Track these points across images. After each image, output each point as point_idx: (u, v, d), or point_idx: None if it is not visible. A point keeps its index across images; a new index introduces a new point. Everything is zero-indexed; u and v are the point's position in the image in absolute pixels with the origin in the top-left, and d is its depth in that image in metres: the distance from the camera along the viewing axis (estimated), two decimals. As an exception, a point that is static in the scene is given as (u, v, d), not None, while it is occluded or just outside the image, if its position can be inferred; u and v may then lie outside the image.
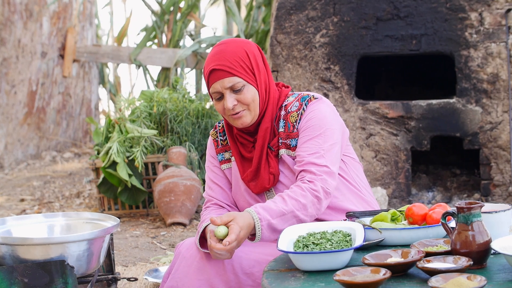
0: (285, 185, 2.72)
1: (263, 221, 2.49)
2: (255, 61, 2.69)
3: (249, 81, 2.67)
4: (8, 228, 3.07)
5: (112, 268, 3.19)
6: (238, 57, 2.66)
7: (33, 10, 7.78)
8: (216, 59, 2.66)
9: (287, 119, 2.72)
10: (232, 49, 2.67)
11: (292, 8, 5.33)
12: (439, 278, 1.95)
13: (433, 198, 5.39)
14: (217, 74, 2.65)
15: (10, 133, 7.74)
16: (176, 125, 5.71)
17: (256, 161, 2.72)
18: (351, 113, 5.29)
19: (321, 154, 2.63)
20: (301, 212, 2.54)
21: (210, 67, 2.66)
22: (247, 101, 2.66)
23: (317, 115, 2.69)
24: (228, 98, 2.65)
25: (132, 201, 5.54)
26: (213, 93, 2.69)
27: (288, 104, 2.75)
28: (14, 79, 7.71)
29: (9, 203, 6.27)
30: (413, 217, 2.48)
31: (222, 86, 2.65)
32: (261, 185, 2.73)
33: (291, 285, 2.11)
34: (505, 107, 5.14)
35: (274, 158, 2.72)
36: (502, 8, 5.13)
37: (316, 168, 2.60)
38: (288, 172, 2.72)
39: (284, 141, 2.72)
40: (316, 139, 2.65)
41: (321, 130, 2.67)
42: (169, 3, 7.90)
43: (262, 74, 2.71)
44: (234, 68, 2.64)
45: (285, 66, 5.36)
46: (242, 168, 2.77)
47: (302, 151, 2.65)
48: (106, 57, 8.04)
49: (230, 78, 2.64)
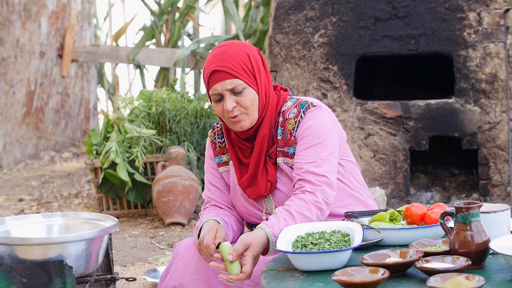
0: (283, 192, 2.71)
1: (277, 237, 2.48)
2: (256, 64, 2.67)
3: (250, 84, 2.65)
4: (7, 228, 3.07)
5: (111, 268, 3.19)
6: (240, 59, 2.63)
7: (31, 10, 7.78)
8: (217, 60, 2.63)
9: (284, 126, 2.70)
10: (234, 51, 2.65)
11: (290, 8, 5.33)
12: (437, 278, 1.95)
13: (431, 198, 5.40)
14: (218, 75, 2.63)
15: (8, 133, 7.74)
16: (174, 125, 5.71)
17: (252, 167, 2.70)
18: (350, 113, 5.30)
19: (319, 163, 2.62)
20: None
21: (212, 68, 2.63)
22: (246, 104, 2.64)
23: (316, 123, 2.67)
24: (228, 99, 2.63)
25: (140, 198, 5.54)
26: (213, 95, 2.66)
27: (286, 110, 2.72)
28: (13, 79, 7.71)
29: (8, 203, 6.27)
30: (412, 217, 2.48)
31: (223, 88, 2.63)
32: (258, 192, 2.71)
33: (289, 285, 2.11)
34: (504, 107, 5.14)
35: (272, 166, 2.71)
36: (501, 8, 5.13)
37: (314, 177, 2.59)
38: (285, 179, 2.71)
39: (282, 149, 2.70)
40: (314, 148, 2.64)
41: (319, 139, 2.65)
42: (167, 3, 7.90)
43: (263, 78, 2.69)
44: (236, 70, 2.62)
45: (283, 66, 5.36)
46: (239, 174, 2.76)
47: (300, 159, 2.64)
48: (104, 57, 8.04)
49: (231, 80, 2.62)
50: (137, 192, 5.52)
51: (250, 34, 7.51)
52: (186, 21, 8.04)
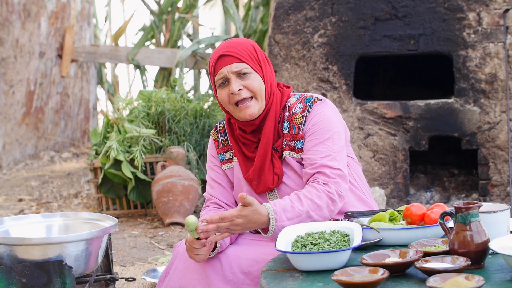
0: (288, 186, 2.72)
1: (278, 221, 2.49)
2: (262, 56, 2.72)
3: (256, 70, 2.68)
4: (6, 228, 3.07)
5: (110, 268, 3.19)
6: (247, 48, 2.68)
7: (31, 10, 7.78)
8: (225, 47, 2.68)
9: (291, 121, 2.71)
10: (241, 41, 2.71)
11: (290, 8, 5.33)
12: (437, 278, 1.95)
13: (431, 198, 5.40)
14: (225, 59, 2.66)
15: (8, 133, 7.74)
16: (174, 125, 5.71)
17: (259, 160, 2.70)
18: (349, 113, 5.30)
19: (333, 156, 2.64)
20: (315, 213, 2.54)
21: (219, 53, 2.67)
22: (254, 87, 2.66)
23: (323, 118, 2.69)
24: (234, 82, 2.65)
25: (141, 198, 5.54)
26: (218, 80, 2.68)
27: (292, 105, 2.74)
28: (12, 79, 7.71)
29: (7, 203, 6.27)
30: (411, 217, 2.48)
31: (229, 70, 2.65)
32: (264, 185, 2.72)
33: (289, 285, 2.11)
34: (503, 107, 5.14)
35: (278, 159, 2.72)
36: (500, 8, 5.13)
37: (330, 170, 2.61)
38: (291, 173, 2.72)
39: (288, 143, 2.71)
40: (326, 143, 2.66)
41: (329, 133, 2.67)
42: (167, 3, 7.90)
43: (268, 70, 2.72)
44: (242, 55, 2.66)
45: (283, 66, 5.36)
46: (245, 168, 2.76)
47: (313, 154, 2.65)
48: (104, 57, 8.04)
49: (237, 64, 2.65)
50: (138, 191, 5.53)
51: (249, 34, 7.51)
52: (185, 21, 8.05)
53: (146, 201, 5.58)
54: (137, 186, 5.51)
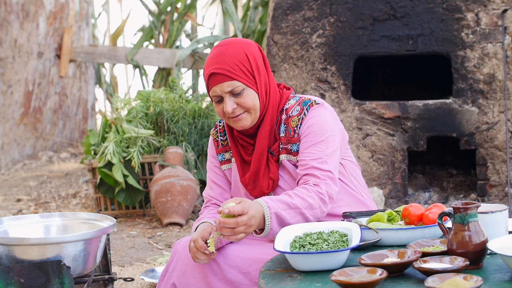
0: (284, 190, 2.71)
1: (272, 209, 2.47)
2: (255, 63, 2.66)
3: (249, 85, 2.64)
4: (5, 228, 3.07)
5: (109, 268, 3.19)
6: (238, 60, 2.63)
7: (29, 10, 7.78)
8: (215, 62, 2.63)
9: (288, 124, 2.71)
10: (231, 51, 2.64)
11: (288, 8, 5.33)
12: (435, 278, 1.95)
13: (429, 199, 5.40)
14: (216, 78, 2.63)
15: (6, 133, 7.74)
16: (172, 125, 5.71)
17: (254, 165, 2.70)
18: (348, 113, 5.30)
19: (324, 160, 2.63)
20: (307, 211, 2.53)
21: (210, 71, 2.63)
22: (247, 105, 2.65)
23: (319, 120, 2.68)
24: (228, 101, 2.63)
25: (129, 201, 5.54)
26: (213, 96, 2.67)
27: (289, 107, 2.73)
28: (11, 79, 7.70)
29: (6, 203, 6.26)
30: (410, 217, 2.48)
31: (221, 90, 2.63)
32: (259, 189, 2.72)
33: (287, 285, 2.11)
34: (502, 108, 5.15)
35: (274, 163, 2.71)
36: (499, 9, 5.14)
37: (320, 172, 2.61)
38: (288, 177, 2.72)
39: (285, 146, 2.71)
40: (319, 145, 2.65)
41: (323, 136, 2.66)
42: (166, 3, 7.90)
43: (262, 77, 2.69)
44: (233, 72, 2.61)
45: (281, 66, 5.36)
46: (242, 171, 2.76)
47: (305, 156, 2.65)
48: (102, 57, 8.03)
49: (229, 82, 2.62)
50: (127, 194, 5.52)
51: (248, 35, 7.52)
52: (184, 21, 8.05)
53: (133, 205, 5.58)
54: (127, 189, 5.50)
